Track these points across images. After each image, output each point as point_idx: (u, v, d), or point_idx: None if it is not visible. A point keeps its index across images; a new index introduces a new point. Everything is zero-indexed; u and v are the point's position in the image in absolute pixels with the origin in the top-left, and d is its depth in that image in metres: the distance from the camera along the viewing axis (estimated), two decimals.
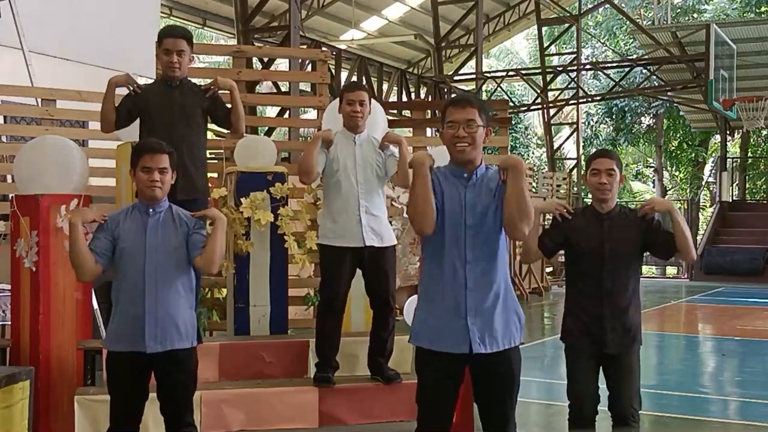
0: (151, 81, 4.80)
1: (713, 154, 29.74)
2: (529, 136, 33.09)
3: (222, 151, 5.88)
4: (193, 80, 4.72)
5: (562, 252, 4.11)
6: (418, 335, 3.26)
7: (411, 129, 7.35)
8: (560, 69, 22.13)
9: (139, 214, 3.59)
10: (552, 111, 24.36)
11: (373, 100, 4.69)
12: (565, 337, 4.04)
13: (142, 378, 3.58)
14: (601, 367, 3.97)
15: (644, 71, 21.97)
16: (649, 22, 24.59)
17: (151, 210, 3.58)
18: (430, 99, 19.50)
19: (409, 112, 10.92)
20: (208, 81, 4.66)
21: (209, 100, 4.57)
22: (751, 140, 28.45)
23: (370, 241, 4.40)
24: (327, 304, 4.50)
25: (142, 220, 3.56)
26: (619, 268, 3.88)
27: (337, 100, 4.67)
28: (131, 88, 4.50)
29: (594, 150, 5.38)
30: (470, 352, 3.13)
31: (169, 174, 3.60)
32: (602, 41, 29.34)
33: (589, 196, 4.17)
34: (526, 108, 23.64)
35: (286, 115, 13.83)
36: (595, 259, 3.86)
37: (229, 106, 4.64)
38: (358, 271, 4.55)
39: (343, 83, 16.57)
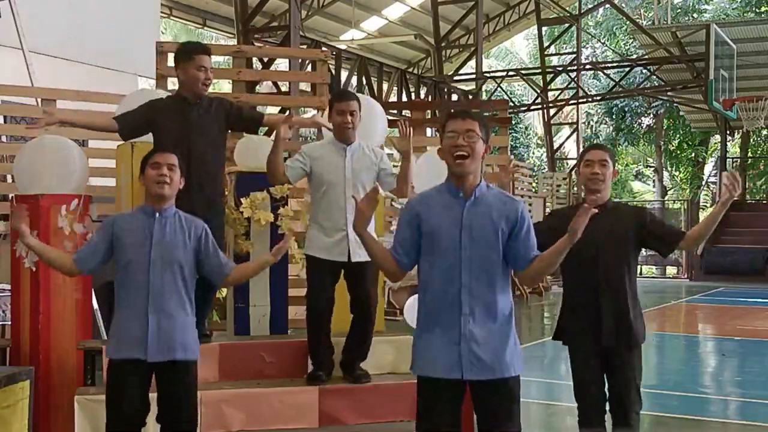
0: (164, 93, 4.76)
1: (713, 154, 29.74)
2: (529, 136, 33.10)
3: None
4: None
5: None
6: (416, 363, 3.14)
7: (411, 129, 7.34)
8: (560, 69, 22.14)
9: (144, 216, 3.49)
10: (552, 111, 24.37)
11: (372, 101, 4.67)
12: (563, 335, 4.01)
13: (143, 386, 3.49)
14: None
15: (644, 71, 21.99)
16: (649, 22, 24.60)
17: (157, 214, 3.48)
18: (430, 99, 19.50)
19: (409, 112, 10.92)
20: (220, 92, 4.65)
21: (227, 113, 4.55)
22: (751, 140, 28.45)
23: (357, 257, 4.31)
24: (312, 310, 4.48)
25: (148, 226, 3.47)
26: (614, 260, 3.84)
27: None
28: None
29: None
30: (461, 377, 3.02)
31: (177, 174, 3.51)
32: (602, 41, 29.34)
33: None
34: (526, 108, 23.65)
35: None
36: (590, 252, 3.77)
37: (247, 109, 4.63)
38: None
39: (343, 83, 16.56)
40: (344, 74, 17.20)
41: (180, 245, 3.47)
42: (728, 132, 25.40)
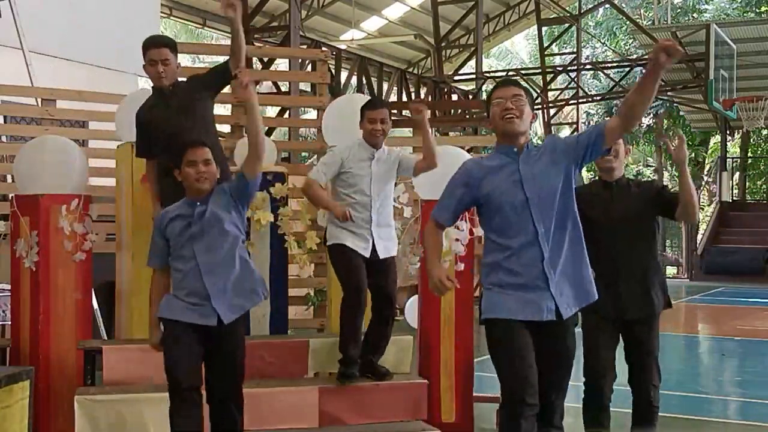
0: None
1: (713, 154, 29.75)
2: None
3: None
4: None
5: None
6: (495, 308, 3.23)
7: (411, 129, 7.35)
8: (560, 69, 22.13)
9: (188, 207, 3.71)
10: (552, 111, 24.36)
11: None
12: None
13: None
14: (621, 338, 4.01)
15: (644, 71, 21.94)
16: (649, 22, 24.61)
17: (198, 203, 3.70)
18: (430, 99, 19.49)
19: (409, 112, 10.91)
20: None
21: (197, 83, 4.54)
22: (751, 140, 28.48)
23: (380, 254, 4.39)
24: (353, 291, 4.37)
25: (190, 215, 3.69)
26: (630, 231, 3.94)
27: (339, 99, 4.67)
28: None
29: None
30: (557, 317, 3.16)
31: (213, 165, 3.72)
32: (602, 41, 29.35)
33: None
34: None
35: (286, 115, 13.82)
36: (606, 224, 3.88)
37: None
38: None
39: (343, 83, 16.56)
40: (344, 74, 17.20)
41: (223, 227, 3.71)
42: (728, 132, 25.42)
